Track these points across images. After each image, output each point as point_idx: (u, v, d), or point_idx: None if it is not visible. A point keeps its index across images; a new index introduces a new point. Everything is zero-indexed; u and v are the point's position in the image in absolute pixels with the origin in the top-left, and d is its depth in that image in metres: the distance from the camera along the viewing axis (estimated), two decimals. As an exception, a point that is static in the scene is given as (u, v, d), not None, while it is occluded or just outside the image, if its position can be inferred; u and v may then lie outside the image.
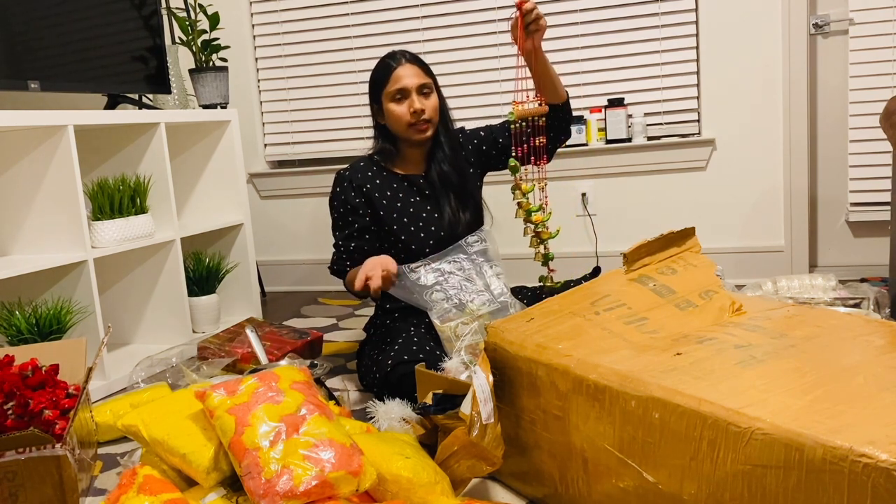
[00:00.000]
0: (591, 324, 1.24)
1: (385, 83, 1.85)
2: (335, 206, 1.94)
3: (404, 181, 1.92)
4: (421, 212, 1.89)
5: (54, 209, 2.01)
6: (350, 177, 1.92)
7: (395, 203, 1.90)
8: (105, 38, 2.31)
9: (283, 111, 3.26)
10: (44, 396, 1.45)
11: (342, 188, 1.92)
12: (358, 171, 1.93)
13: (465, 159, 1.95)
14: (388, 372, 1.64)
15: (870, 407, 0.90)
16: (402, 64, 1.84)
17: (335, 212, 1.94)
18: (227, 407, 1.19)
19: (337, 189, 1.94)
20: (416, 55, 1.88)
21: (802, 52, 2.63)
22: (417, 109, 1.82)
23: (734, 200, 2.79)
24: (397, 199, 1.90)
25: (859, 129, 2.60)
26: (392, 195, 1.90)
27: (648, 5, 2.78)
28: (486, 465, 1.19)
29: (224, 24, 2.78)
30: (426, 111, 1.83)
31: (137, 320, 2.40)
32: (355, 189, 1.90)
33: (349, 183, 1.91)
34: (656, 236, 1.43)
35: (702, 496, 0.96)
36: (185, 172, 2.67)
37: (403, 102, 1.84)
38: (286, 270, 3.32)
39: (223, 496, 1.19)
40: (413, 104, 1.82)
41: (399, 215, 1.89)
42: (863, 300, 2.00)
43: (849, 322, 1.21)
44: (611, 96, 2.81)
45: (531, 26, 1.70)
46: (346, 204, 1.91)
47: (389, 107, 1.85)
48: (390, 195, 1.90)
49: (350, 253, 1.89)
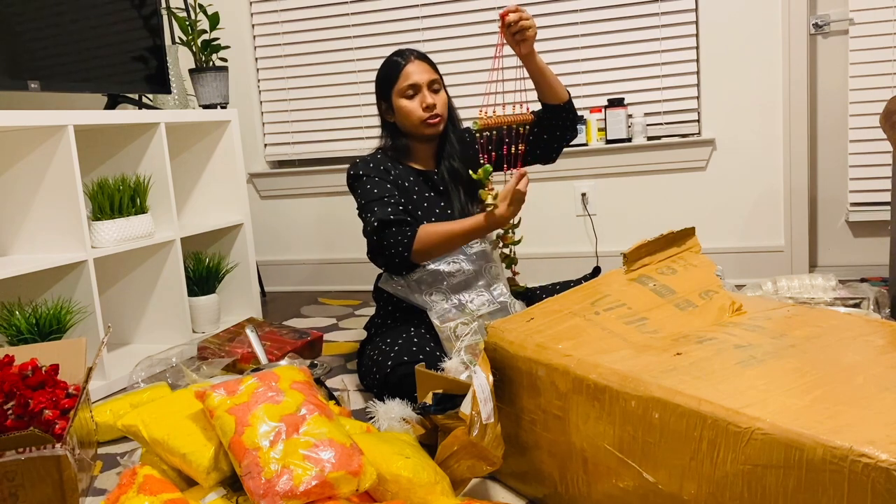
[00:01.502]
0: (591, 324, 1.24)
1: (395, 80, 1.85)
2: (364, 179, 1.83)
3: (420, 176, 1.91)
4: (434, 207, 1.88)
5: (54, 209, 2.01)
6: (371, 162, 1.87)
7: (411, 196, 1.87)
8: (105, 38, 2.31)
9: (283, 111, 3.25)
10: (44, 396, 1.45)
11: (368, 168, 1.85)
12: (377, 161, 1.88)
13: (473, 158, 1.95)
14: (388, 372, 1.64)
15: (870, 407, 0.90)
16: (412, 61, 1.85)
17: (365, 182, 1.83)
18: (227, 407, 1.19)
19: (359, 171, 1.85)
20: (423, 53, 1.89)
21: (802, 52, 2.63)
22: (430, 104, 1.83)
23: (734, 200, 2.79)
24: (414, 192, 1.88)
25: (859, 130, 2.60)
26: (409, 187, 1.89)
27: (648, 5, 2.78)
28: (486, 465, 1.19)
29: (224, 24, 2.78)
30: (437, 106, 1.84)
31: (137, 320, 2.40)
32: (381, 171, 1.85)
33: (374, 165, 1.86)
34: (656, 236, 1.43)
35: (702, 496, 0.96)
36: (185, 172, 2.67)
37: (415, 98, 1.84)
38: (286, 270, 3.32)
39: (223, 496, 1.19)
40: (425, 99, 1.83)
41: (414, 207, 1.86)
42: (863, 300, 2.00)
43: (849, 322, 1.21)
44: (611, 96, 2.81)
45: (517, 36, 1.72)
46: (374, 175, 1.83)
47: (401, 103, 1.85)
48: (408, 186, 1.88)
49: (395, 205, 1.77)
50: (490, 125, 1.79)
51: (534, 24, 1.74)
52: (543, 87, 1.84)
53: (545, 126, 1.90)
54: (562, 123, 1.89)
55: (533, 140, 1.90)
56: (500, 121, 1.80)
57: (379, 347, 1.76)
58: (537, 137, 1.90)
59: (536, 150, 1.93)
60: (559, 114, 1.87)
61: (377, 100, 1.93)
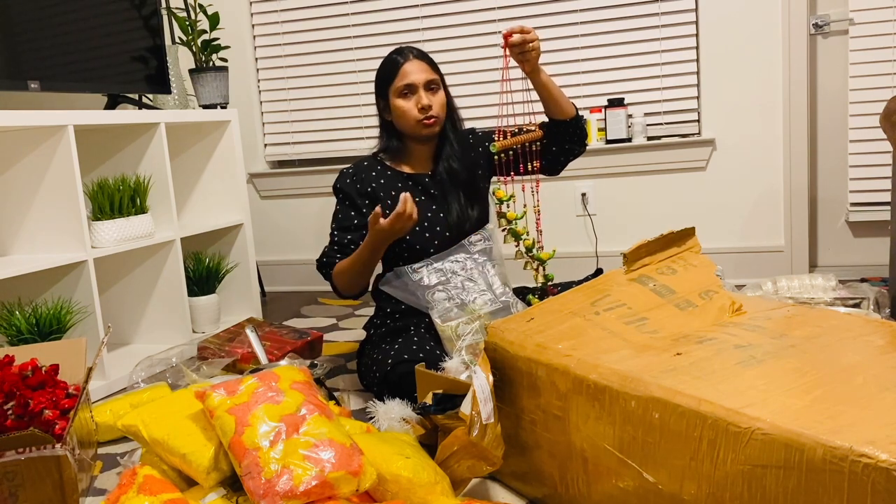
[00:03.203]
0: (591, 324, 1.24)
1: (392, 79, 1.84)
2: (340, 198, 1.92)
3: (409, 180, 1.91)
4: (426, 212, 1.88)
5: (54, 209, 2.01)
6: (355, 175, 1.91)
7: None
8: (105, 38, 2.31)
9: (283, 111, 3.26)
10: (44, 396, 1.45)
11: (347, 184, 1.91)
12: (363, 170, 1.91)
13: (475, 160, 1.95)
14: (388, 371, 1.64)
15: (870, 407, 0.90)
16: (410, 60, 1.83)
17: (339, 203, 1.93)
18: (227, 407, 1.19)
19: (339, 185, 1.92)
20: (423, 51, 1.87)
21: (802, 52, 2.63)
22: (425, 105, 1.81)
23: (734, 200, 2.79)
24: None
25: (859, 130, 2.60)
26: (397, 195, 1.89)
27: (648, 5, 2.78)
28: (486, 465, 1.19)
29: (224, 24, 2.78)
30: (433, 107, 1.83)
31: (137, 320, 2.40)
32: (360, 187, 1.89)
33: (353, 180, 1.90)
34: (656, 236, 1.43)
35: (702, 496, 0.96)
36: (185, 172, 2.67)
37: (411, 98, 1.83)
38: (286, 270, 3.32)
39: (223, 496, 1.19)
40: (420, 100, 1.81)
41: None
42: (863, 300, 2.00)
43: (849, 322, 1.21)
44: (611, 96, 2.81)
45: (520, 56, 1.71)
46: (349, 198, 1.90)
47: (396, 102, 1.84)
48: (395, 195, 1.89)
49: (344, 246, 1.87)
50: (507, 146, 1.79)
51: (538, 44, 1.71)
52: (549, 103, 1.83)
53: (553, 140, 1.88)
54: (568, 138, 1.88)
55: (540, 153, 1.89)
56: (516, 141, 1.80)
57: (379, 347, 1.76)
58: (545, 149, 1.89)
59: (542, 162, 1.91)
60: (565, 129, 1.86)
61: (376, 97, 1.92)
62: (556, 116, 1.85)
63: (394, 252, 1.87)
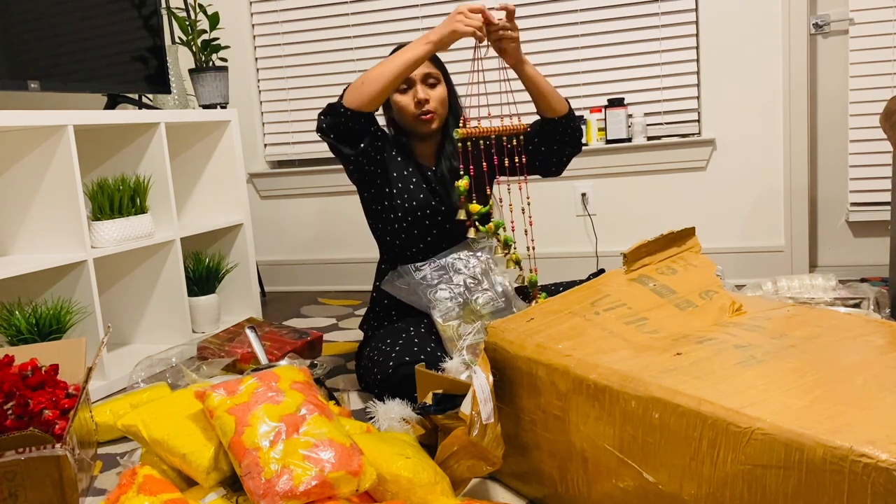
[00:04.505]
0: (591, 324, 1.24)
1: None
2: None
3: (418, 168, 1.88)
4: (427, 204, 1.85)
5: (54, 209, 2.01)
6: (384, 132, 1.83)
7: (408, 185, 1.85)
8: (105, 38, 2.31)
9: (283, 111, 3.25)
10: (44, 396, 1.45)
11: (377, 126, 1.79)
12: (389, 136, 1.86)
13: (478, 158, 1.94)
14: (389, 373, 1.64)
15: (870, 407, 0.90)
16: None
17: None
18: (226, 407, 1.19)
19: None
20: None
21: (802, 52, 2.63)
22: (421, 99, 1.78)
23: (734, 200, 2.79)
24: (410, 182, 1.85)
25: (859, 129, 2.60)
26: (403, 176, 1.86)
27: (648, 5, 2.78)
28: (486, 465, 1.19)
29: (224, 24, 2.78)
30: (430, 101, 1.80)
31: (137, 320, 2.40)
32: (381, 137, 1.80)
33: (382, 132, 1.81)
34: (656, 236, 1.43)
35: (702, 496, 0.96)
36: (184, 172, 2.67)
37: (408, 92, 1.81)
38: (286, 270, 3.32)
39: (223, 496, 1.19)
40: (417, 94, 1.79)
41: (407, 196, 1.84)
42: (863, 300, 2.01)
43: (849, 322, 1.21)
44: (611, 96, 2.81)
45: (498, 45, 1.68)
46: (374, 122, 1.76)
47: (395, 97, 1.82)
48: (406, 175, 1.85)
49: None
50: (472, 134, 1.68)
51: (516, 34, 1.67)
52: (538, 99, 1.79)
53: (545, 138, 1.85)
54: (559, 138, 1.85)
55: (532, 151, 1.86)
56: (484, 131, 1.70)
57: (379, 348, 1.75)
58: (536, 148, 1.87)
59: (535, 161, 1.89)
60: (556, 127, 1.83)
61: None
62: (547, 114, 1.81)
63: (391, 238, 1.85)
